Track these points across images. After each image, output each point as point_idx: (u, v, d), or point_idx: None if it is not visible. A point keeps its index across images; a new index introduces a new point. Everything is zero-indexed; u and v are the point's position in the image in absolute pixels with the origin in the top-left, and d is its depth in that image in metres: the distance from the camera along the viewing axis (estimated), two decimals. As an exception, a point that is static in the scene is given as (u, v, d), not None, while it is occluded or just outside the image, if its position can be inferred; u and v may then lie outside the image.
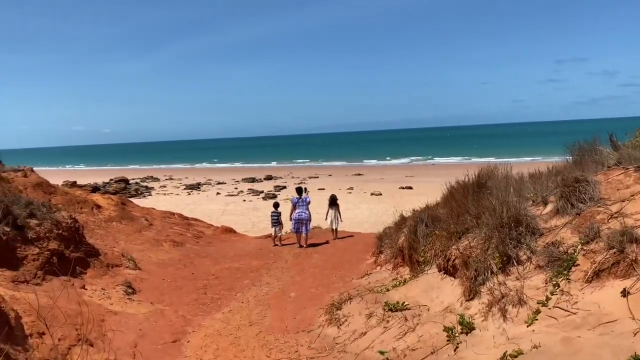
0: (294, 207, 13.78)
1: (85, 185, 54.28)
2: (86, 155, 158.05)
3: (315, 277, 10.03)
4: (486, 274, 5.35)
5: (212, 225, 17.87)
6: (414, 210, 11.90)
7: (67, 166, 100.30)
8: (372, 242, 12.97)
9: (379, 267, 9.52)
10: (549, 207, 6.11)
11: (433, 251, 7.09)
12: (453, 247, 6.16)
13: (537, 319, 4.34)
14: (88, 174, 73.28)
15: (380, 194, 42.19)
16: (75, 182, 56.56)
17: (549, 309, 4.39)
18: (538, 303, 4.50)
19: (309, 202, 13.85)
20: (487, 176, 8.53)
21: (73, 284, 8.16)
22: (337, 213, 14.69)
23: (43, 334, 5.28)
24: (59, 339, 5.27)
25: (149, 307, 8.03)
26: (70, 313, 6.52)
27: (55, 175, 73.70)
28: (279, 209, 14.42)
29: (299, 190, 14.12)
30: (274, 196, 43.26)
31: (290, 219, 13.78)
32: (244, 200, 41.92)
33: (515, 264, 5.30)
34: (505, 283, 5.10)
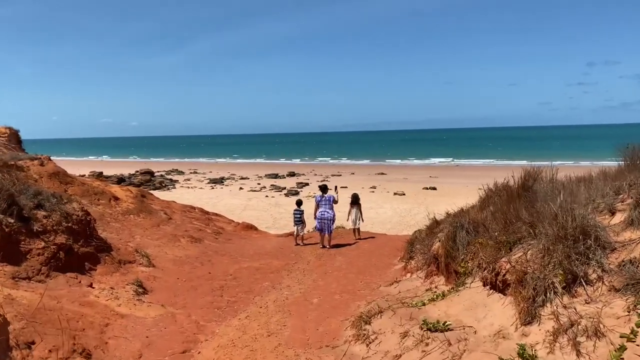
0: (317, 206, 12.98)
1: (111, 177, 54.50)
2: (114, 147, 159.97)
3: (339, 281, 9.19)
4: (547, 294, 4.44)
5: (233, 221, 17.17)
6: (447, 213, 11.01)
7: (95, 157, 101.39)
8: (400, 245, 12.09)
9: (409, 274, 8.64)
10: (619, 217, 5.17)
11: (476, 262, 6.20)
12: (503, 259, 5.27)
13: (622, 358, 3.44)
14: (115, 165, 73.80)
15: (404, 194, 41.15)
16: (101, 172, 56.83)
17: (638, 345, 3.49)
18: (622, 337, 3.60)
19: (334, 201, 12.99)
20: (533, 179, 7.58)
21: (80, 282, 7.49)
22: (359, 212, 13.86)
23: (32, 343, 4.57)
24: (50, 350, 4.55)
25: (160, 309, 7.30)
26: (71, 316, 5.82)
27: (83, 165, 74.40)
28: (302, 207, 13.62)
29: (323, 188, 13.27)
30: (297, 193, 42.57)
31: (315, 218, 12.99)
32: (266, 196, 41.32)
33: (584, 284, 4.38)
34: (572, 307, 4.20)
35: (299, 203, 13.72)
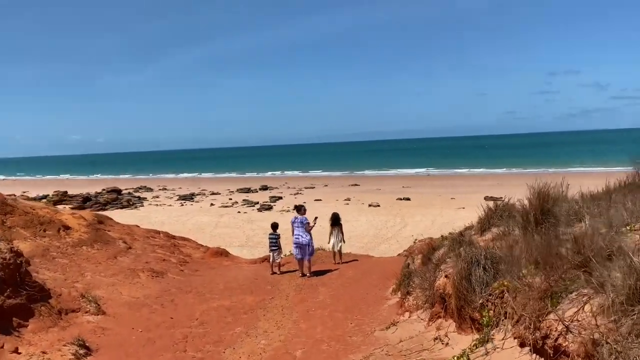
0: (293, 229, 11.55)
1: (76, 196, 51.77)
2: (81, 164, 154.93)
3: (325, 324, 7.74)
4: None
5: (202, 246, 15.52)
6: (442, 236, 9.71)
7: (60, 175, 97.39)
8: (388, 271, 10.73)
9: (407, 314, 7.27)
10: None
11: (503, 310, 4.89)
12: (550, 315, 3.96)
13: None
14: (80, 184, 70.67)
15: (379, 205, 40.03)
16: (66, 192, 54.03)
17: None
18: None
19: (309, 225, 11.49)
20: (553, 200, 6.34)
21: (2, 346, 5.85)
22: (340, 234, 12.49)
23: None
24: None
25: (105, 379, 5.74)
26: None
27: (48, 185, 71.04)
28: (278, 231, 12.12)
29: (297, 208, 11.84)
30: (270, 207, 40.97)
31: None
32: (239, 212, 39.59)
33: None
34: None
35: (275, 226, 12.20)
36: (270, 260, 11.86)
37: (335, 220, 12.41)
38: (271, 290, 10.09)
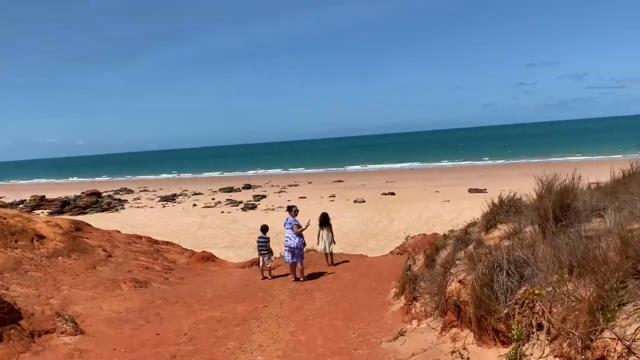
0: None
1: (55, 200, 50.23)
2: (59, 167, 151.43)
3: (325, 334, 7.10)
4: None
5: (186, 251, 14.73)
6: (444, 235, 9.13)
7: (38, 180, 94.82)
8: (385, 272, 10.15)
9: (415, 322, 6.66)
10: None
11: (534, 321, 4.30)
12: (605, 332, 3.39)
13: None
14: (59, 188, 68.80)
15: (364, 201, 39.55)
16: (44, 196, 52.42)
17: None
18: None
19: (299, 227, 10.78)
20: (573, 194, 5.78)
21: (-37, 381, 5.07)
22: (330, 234, 11.84)
23: None
24: None
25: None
26: None
27: (25, 190, 69.00)
28: (268, 234, 11.42)
29: (288, 209, 11.21)
30: (254, 206, 40.17)
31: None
32: (222, 212, 38.70)
33: None
34: None
35: (264, 229, 11.47)
36: (260, 264, 11.17)
37: (325, 221, 11.76)
38: (263, 298, 9.40)
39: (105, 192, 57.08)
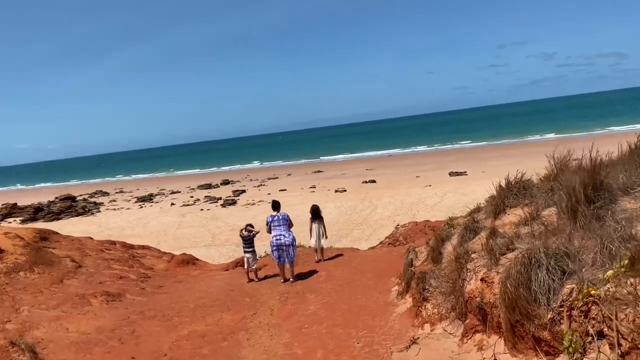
0: (269, 228, 9.76)
1: (27, 207, 48.12)
2: (31, 173, 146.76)
3: (325, 345, 6.17)
4: None
5: (165, 254, 13.63)
6: (448, 223, 8.25)
7: (8, 187, 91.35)
8: (382, 267, 9.28)
9: (427, 326, 5.79)
10: None
11: (593, 329, 3.46)
12: None
13: None
14: (31, 194, 66.29)
15: (345, 190, 38.76)
16: (15, 204, 50.20)
17: None
18: None
19: (289, 220, 9.84)
20: (605, 171, 4.96)
21: None
22: (322, 228, 10.90)
23: None
24: None
25: None
26: None
27: (-6, 198, 66.23)
28: (254, 230, 10.35)
29: (275, 205, 10.16)
30: (234, 202, 39.01)
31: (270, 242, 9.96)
32: (202, 210, 37.45)
33: None
34: None
35: (249, 227, 10.42)
36: (245, 265, 10.16)
37: (316, 213, 10.80)
38: (251, 304, 8.43)
39: (80, 195, 55.13)
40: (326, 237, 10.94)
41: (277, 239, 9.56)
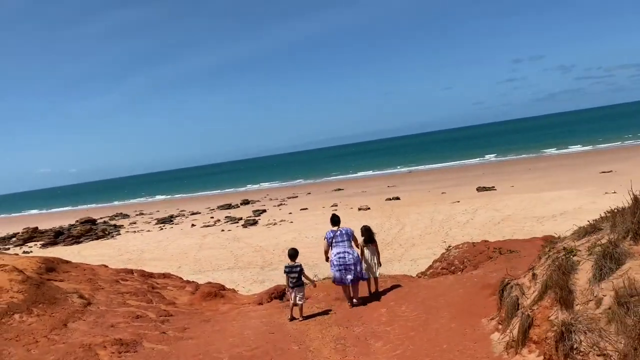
0: (329, 246, 8.28)
1: (47, 231, 46.85)
2: (53, 197, 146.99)
3: None
4: None
5: (188, 284, 11.70)
6: (566, 248, 6.22)
7: (30, 211, 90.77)
8: (458, 302, 7.24)
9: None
10: None
11: None
12: None
13: None
14: (53, 218, 65.31)
15: (369, 208, 36.71)
16: (36, 228, 49.00)
17: None
18: None
19: (353, 235, 8.47)
20: None
21: None
22: (376, 252, 8.91)
23: None
24: None
25: None
26: None
27: (17, 222, 65.40)
28: (297, 260, 8.36)
29: (335, 220, 8.54)
30: (255, 222, 37.16)
31: (329, 261, 8.42)
32: (222, 230, 35.66)
33: None
34: None
35: (293, 255, 8.34)
36: (291, 301, 8.15)
37: (369, 236, 8.80)
38: (300, 354, 6.43)
39: (101, 218, 53.88)
40: (380, 265, 8.93)
41: (340, 257, 8.13)
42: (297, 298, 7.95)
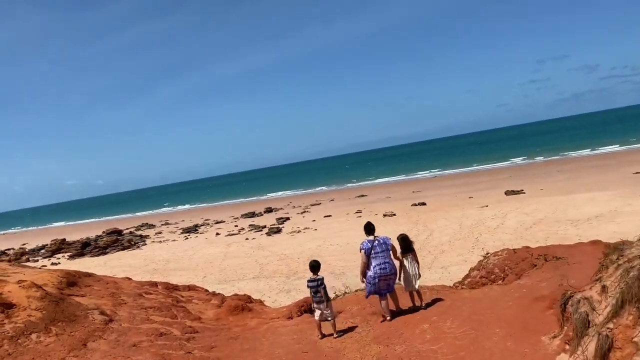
0: (368, 258, 7.49)
1: (75, 242, 47.27)
2: (80, 208, 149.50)
3: None
4: None
5: (214, 296, 11.16)
6: (611, 252, 5.45)
7: (59, 223, 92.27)
8: (510, 316, 6.49)
9: None
10: None
11: None
12: None
13: None
14: (80, 229, 66.06)
15: (394, 214, 35.82)
16: (64, 239, 49.52)
17: None
18: None
19: (392, 245, 7.72)
20: None
21: None
22: (416, 263, 8.17)
23: None
24: None
25: None
26: None
27: (45, 234, 66.36)
28: (321, 272, 7.67)
29: (369, 228, 7.73)
30: (279, 230, 36.68)
31: (363, 279, 7.72)
32: (247, 239, 35.28)
33: None
34: None
35: (315, 267, 7.55)
36: (317, 318, 7.48)
37: (407, 245, 8.09)
38: (338, 377, 5.79)
39: (127, 229, 54.19)
40: (420, 276, 8.20)
41: (382, 268, 7.45)
42: (327, 314, 7.26)
